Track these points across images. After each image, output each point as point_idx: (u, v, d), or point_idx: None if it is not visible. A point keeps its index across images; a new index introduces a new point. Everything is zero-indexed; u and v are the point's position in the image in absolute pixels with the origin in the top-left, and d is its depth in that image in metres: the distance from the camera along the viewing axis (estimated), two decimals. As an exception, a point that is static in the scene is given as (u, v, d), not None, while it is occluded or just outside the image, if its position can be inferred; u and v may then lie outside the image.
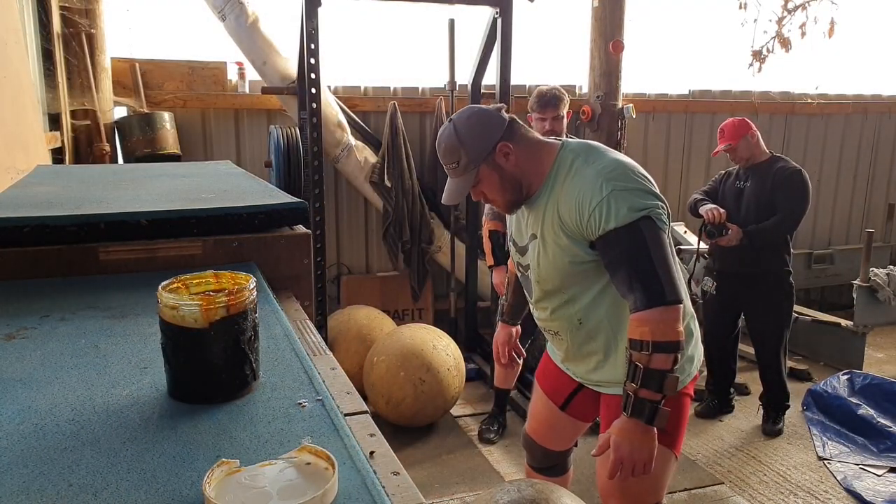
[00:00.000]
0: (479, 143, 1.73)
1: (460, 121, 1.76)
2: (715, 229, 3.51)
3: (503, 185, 1.77)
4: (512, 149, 1.74)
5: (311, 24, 3.69)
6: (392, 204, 4.53)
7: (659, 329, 1.58)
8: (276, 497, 0.77)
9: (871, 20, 6.38)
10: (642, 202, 1.64)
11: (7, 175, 2.36)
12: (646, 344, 1.59)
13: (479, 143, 1.73)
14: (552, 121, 3.29)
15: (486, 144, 1.73)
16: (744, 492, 3.20)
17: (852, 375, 3.96)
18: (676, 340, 1.59)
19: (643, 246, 1.61)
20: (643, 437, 1.62)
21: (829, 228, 6.33)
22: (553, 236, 1.75)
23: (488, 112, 1.78)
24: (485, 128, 1.74)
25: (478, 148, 1.73)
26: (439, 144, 1.79)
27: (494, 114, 1.77)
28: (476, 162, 1.74)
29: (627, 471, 1.64)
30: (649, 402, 1.60)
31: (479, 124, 1.75)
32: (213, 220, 1.64)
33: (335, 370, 1.20)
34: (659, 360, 1.58)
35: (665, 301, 1.59)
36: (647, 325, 1.59)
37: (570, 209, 1.69)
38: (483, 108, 1.80)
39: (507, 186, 1.78)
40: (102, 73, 4.08)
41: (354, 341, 3.99)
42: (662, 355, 1.58)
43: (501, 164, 1.75)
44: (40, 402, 0.98)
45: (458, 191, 1.81)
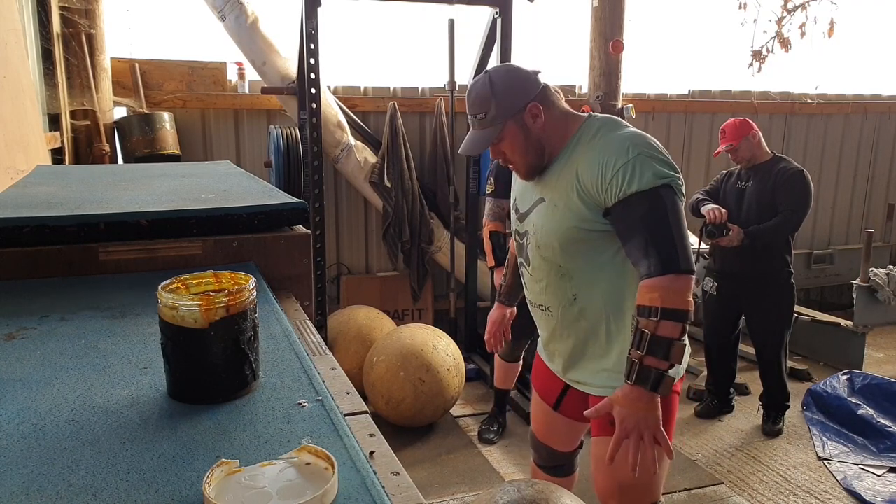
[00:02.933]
0: (511, 98, 1.71)
1: (497, 73, 1.75)
2: (716, 229, 3.51)
3: (526, 147, 1.75)
4: (541, 111, 1.73)
5: (310, 24, 3.69)
6: (392, 204, 4.53)
7: (669, 296, 1.55)
8: (276, 497, 0.77)
9: (871, 20, 6.39)
10: (666, 171, 1.63)
11: (7, 175, 2.36)
12: (654, 310, 1.56)
13: (511, 97, 1.71)
14: None
15: (518, 101, 1.71)
16: (744, 492, 3.20)
17: (852, 375, 3.96)
18: (686, 310, 1.57)
19: (663, 212, 1.59)
20: (648, 405, 1.57)
21: (829, 228, 6.33)
22: (565, 199, 1.73)
23: (525, 71, 1.76)
24: (520, 85, 1.73)
25: (509, 102, 1.71)
26: (470, 93, 1.77)
27: (531, 74, 1.76)
28: (504, 116, 1.71)
29: (635, 444, 1.59)
30: (655, 370, 1.56)
31: (515, 80, 1.73)
32: (212, 221, 1.64)
33: (335, 370, 1.20)
34: (667, 327, 1.55)
35: (679, 268, 1.57)
36: (658, 290, 1.56)
37: (591, 171, 1.67)
38: (520, 66, 1.79)
39: (529, 148, 1.75)
40: (102, 73, 4.08)
41: (354, 341, 3.99)
42: (671, 323, 1.55)
43: (528, 124, 1.73)
44: (40, 402, 0.98)
45: (479, 142, 1.77)
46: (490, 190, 3.45)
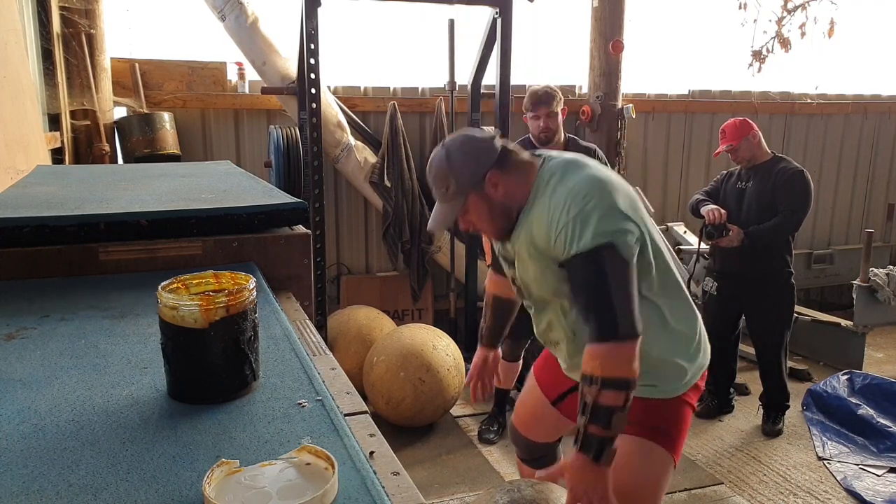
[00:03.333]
0: (469, 172, 1.69)
1: (452, 146, 1.73)
2: (715, 230, 3.51)
3: (492, 215, 1.74)
4: (501, 178, 1.70)
5: (310, 24, 3.69)
6: (392, 204, 4.53)
7: (609, 364, 1.52)
8: (275, 497, 0.77)
9: (871, 20, 6.38)
10: (609, 227, 1.56)
11: (7, 175, 2.35)
12: (595, 379, 1.53)
13: (468, 171, 1.69)
14: (546, 118, 3.29)
15: (476, 173, 1.68)
16: (744, 492, 3.20)
17: (852, 375, 3.96)
18: (627, 378, 1.53)
19: (602, 276, 1.54)
20: (594, 474, 1.56)
21: (829, 228, 6.33)
22: (535, 257, 1.72)
23: (481, 139, 1.74)
24: (476, 156, 1.70)
25: (467, 176, 1.69)
26: (430, 168, 1.76)
27: (487, 142, 1.73)
28: (464, 190, 1.70)
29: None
30: (597, 438, 1.54)
31: (471, 152, 1.70)
32: (212, 221, 1.65)
33: (335, 370, 1.21)
34: (608, 396, 1.52)
35: (617, 336, 1.53)
36: (598, 359, 1.53)
37: (540, 232, 1.66)
38: (476, 135, 1.77)
39: (495, 215, 1.74)
40: (102, 73, 4.08)
41: (354, 341, 3.99)
42: (612, 392, 1.52)
43: (490, 193, 1.70)
44: (40, 402, 0.99)
45: (444, 218, 1.77)
46: (490, 190, 3.44)
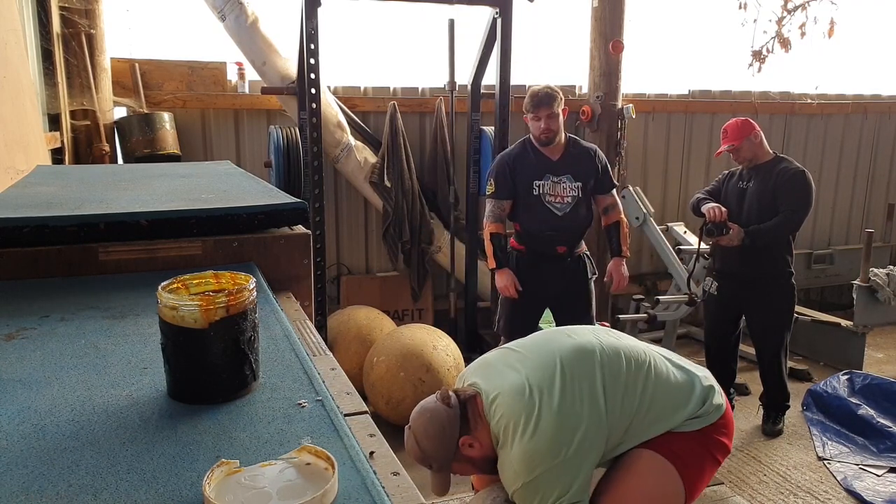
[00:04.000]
0: (442, 451, 1.79)
1: (418, 432, 1.81)
2: (715, 227, 3.51)
3: (478, 467, 1.88)
4: (472, 439, 1.80)
5: (310, 24, 3.69)
6: (392, 204, 4.53)
7: None
8: (275, 497, 0.77)
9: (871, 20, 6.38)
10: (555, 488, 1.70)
11: (7, 175, 2.35)
12: None
13: (441, 451, 1.79)
14: (547, 119, 3.28)
15: (448, 449, 1.80)
16: (744, 492, 3.20)
17: (852, 375, 3.96)
18: None
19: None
20: None
21: (829, 228, 6.32)
22: None
23: (439, 415, 1.79)
24: (441, 434, 1.78)
25: (442, 453, 1.80)
26: (408, 452, 1.85)
27: (445, 414, 1.79)
28: (447, 465, 1.83)
29: None
30: None
31: (436, 433, 1.78)
32: (212, 221, 1.64)
33: (335, 370, 1.21)
34: None
35: None
36: None
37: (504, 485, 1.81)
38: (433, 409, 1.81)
39: (481, 466, 1.87)
40: (102, 73, 4.08)
41: (354, 341, 3.99)
42: None
43: (468, 455, 1.81)
44: (40, 402, 0.98)
45: (442, 484, 1.89)
46: (490, 191, 3.44)
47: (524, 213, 3.40)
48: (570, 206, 3.37)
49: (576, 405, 1.74)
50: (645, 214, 4.96)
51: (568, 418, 1.72)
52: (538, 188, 3.36)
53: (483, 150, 4.55)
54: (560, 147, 3.40)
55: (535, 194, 3.36)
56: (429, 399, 1.85)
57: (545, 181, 3.36)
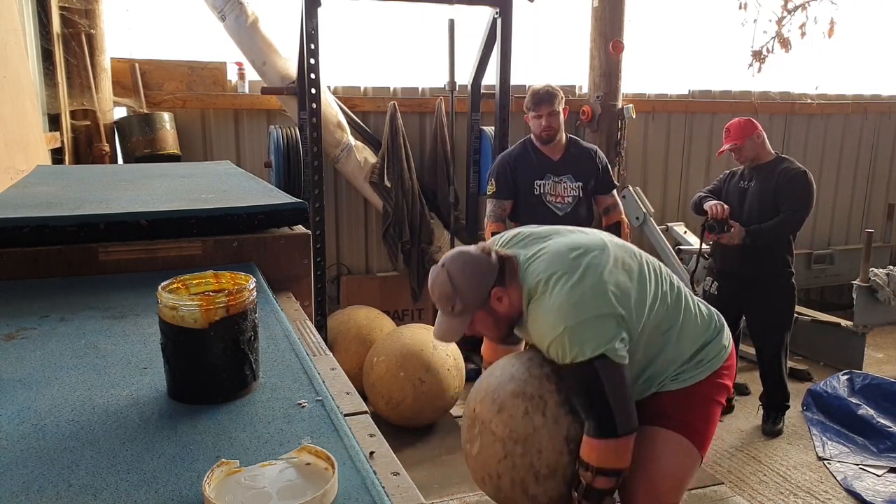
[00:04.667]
0: (474, 293, 1.78)
1: (454, 269, 1.79)
2: (717, 224, 3.51)
3: (497, 325, 1.85)
4: (504, 293, 1.79)
5: (310, 24, 3.69)
6: (392, 204, 4.52)
7: (605, 457, 1.70)
8: (275, 497, 0.77)
9: (871, 20, 6.38)
10: (598, 338, 1.67)
11: (7, 175, 2.35)
12: (591, 467, 1.71)
13: (473, 292, 1.78)
14: (548, 117, 3.29)
15: (481, 293, 1.78)
16: (744, 492, 3.20)
17: (852, 375, 3.95)
18: (621, 468, 1.72)
19: (598, 383, 1.68)
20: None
21: (829, 228, 6.32)
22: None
23: (480, 259, 1.80)
24: (479, 276, 1.78)
25: (473, 297, 1.78)
26: (433, 289, 1.83)
27: (485, 260, 1.80)
28: (472, 309, 1.80)
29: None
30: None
31: (473, 274, 1.78)
32: (213, 221, 1.64)
33: (335, 370, 1.20)
34: (601, 481, 1.71)
35: (616, 434, 1.69)
36: (596, 452, 1.70)
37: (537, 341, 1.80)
38: (474, 254, 1.82)
39: (500, 325, 1.86)
40: (102, 73, 4.08)
41: (354, 342, 3.99)
42: (605, 478, 1.71)
43: (496, 307, 1.80)
44: (40, 402, 0.98)
45: (453, 331, 1.86)
46: (491, 191, 3.45)
47: (525, 213, 3.40)
48: (570, 206, 3.37)
49: (622, 276, 1.76)
50: (645, 214, 4.96)
51: (616, 282, 1.73)
52: (539, 188, 3.36)
53: (483, 150, 4.55)
54: (561, 147, 3.40)
55: (535, 194, 3.36)
56: (468, 247, 1.86)
57: (546, 181, 3.36)
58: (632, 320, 1.74)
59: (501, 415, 1.81)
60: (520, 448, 1.77)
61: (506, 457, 1.79)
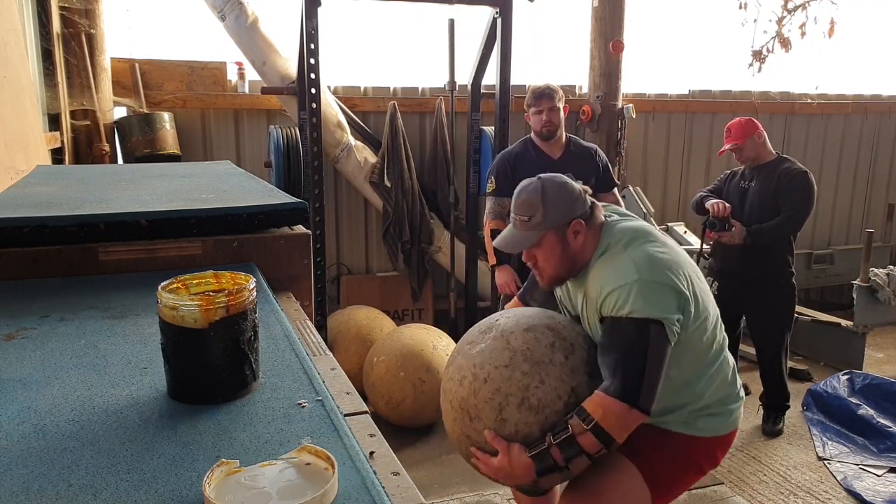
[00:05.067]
0: (559, 210, 1.74)
1: (550, 183, 1.78)
2: (719, 223, 3.51)
3: (561, 259, 1.78)
4: (583, 228, 1.76)
5: (310, 24, 3.69)
6: (392, 204, 4.53)
7: (611, 420, 1.57)
8: (275, 497, 0.77)
9: (871, 20, 6.38)
10: (663, 304, 1.62)
11: (7, 175, 2.35)
12: (590, 421, 1.57)
13: (559, 209, 1.74)
14: (549, 112, 3.31)
15: (565, 214, 1.74)
16: (744, 492, 3.20)
17: (852, 375, 3.95)
18: (615, 440, 1.59)
19: (644, 346, 1.59)
20: (523, 475, 1.63)
21: (829, 228, 6.32)
22: (589, 315, 1.77)
23: (576, 188, 1.79)
24: (570, 199, 1.76)
25: (556, 214, 1.74)
26: (519, 194, 1.80)
27: (581, 192, 1.79)
28: (548, 225, 1.75)
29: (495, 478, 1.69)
30: (552, 461, 1.60)
31: (568, 195, 1.76)
32: (213, 221, 1.64)
33: (335, 370, 1.21)
34: (588, 439, 1.57)
35: (637, 403, 1.57)
36: (604, 409, 1.57)
37: (594, 289, 1.71)
38: (572, 182, 1.81)
39: (563, 261, 1.78)
40: (102, 73, 4.08)
41: (354, 341, 3.99)
42: (594, 439, 1.57)
43: (569, 239, 1.76)
44: (40, 402, 0.98)
45: (518, 243, 1.81)
46: (491, 188, 3.45)
47: (525, 212, 3.40)
48: (570, 206, 3.37)
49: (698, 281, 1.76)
50: (645, 214, 4.96)
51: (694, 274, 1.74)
52: None
53: (483, 150, 4.55)
54: (561, 146, 3.41)
55: (535, 193, 3.36)
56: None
57: (546, 180, 3.36)
58: (688, 323, 1.69)
59: (527, 334, 1.71)
60: (527, 366, 1.66)
61: (508, 366, 1.67)
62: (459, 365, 1.78)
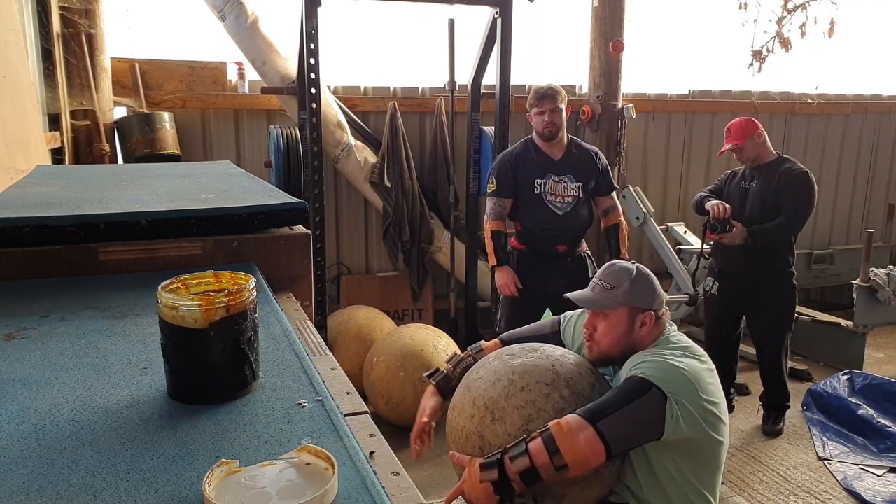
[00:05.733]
0: (642, 295, 1.85)
1: (643, 270, 1.90)
2: (719, 224, 3.51)
3: (619, 339, 1.85)
4: (652, 323, 1.84)
5: (310, 24, 3.69)
6: (392, 204, 4.53)
7: (562, 431, 1.60)
8: (275, 497, 0.77)
9: (871, 20, 6.39)
10: (679, 388, 1.67)
11: (7, 175, 2.35)
12: (544, 429, 1.63)
13: (642, 294, 1.85)
14: (551, 113, 3.31)
15: (644, 301, 1.84)
16: (744, 492, 3.20)
17: (852, 375, 3.96)
18: (561, 453, 1.59)
19: (632, 395, 1.65)
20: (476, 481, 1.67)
21: (829, 228, 6.32)
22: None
23: (662, 292, 1.91)
24: (654, 293, 1.87)
25: (638, 296, 1.84)
26: (612, 265, 1.90)
27: (661, 295, 1.90)
28: (626, 302, 1.83)
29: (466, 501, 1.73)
30: (499, 465, 1.64)
31: (654, 287, 1.88)
32: (213, 221, 1.64)
33: (335, 370, 1.20)
34: (536, 445, 1.61)
35: (594, 422, 1.61)
36: (560, 422, 1.62)
37: (626, 368, 1.77)
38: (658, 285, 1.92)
39: (620, 342, 1.85)
40: (102, 73, 4.08)
41: (354, 341, 3.99)
42: (541, 445, 1.60)
43: (636, 325, 1.84)
44: (40, 402, 0.98)
45: (591, 303, 1.88)
46: (492, 188, 3.45)
47: (525, 211, 3.40)
48: (570, 206, 3.38)
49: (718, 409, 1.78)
50: (645, 214, 4.96)
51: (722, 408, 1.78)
52: (539, 187, 3.37)
53: (483, 150, 4.55)
54: (562, 147, 3.41)
55: (536, 193, 3.37)
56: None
57: (547, 180, 3.37)
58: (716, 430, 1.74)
59: (573, 368, 1.79)
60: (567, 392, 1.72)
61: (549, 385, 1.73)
62: (495, 368, 1.84)
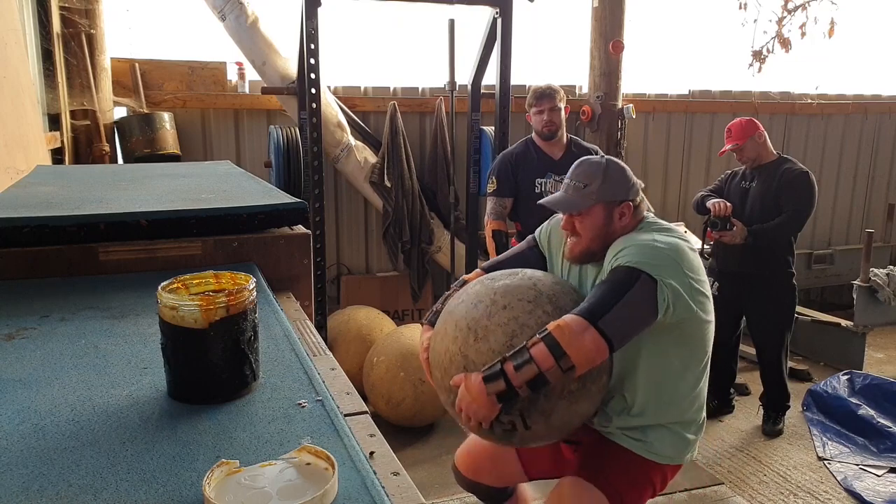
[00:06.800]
0: (615, 188, 1.80)
1: (613, 163, 1.86)
2: (720, 222, 3.51)
3: (599, 234, 1.81)
4: (629, 213, 1.81)
5: (311, 24, 3.69)
6: (392, 204, 4.53)
7: (564, 332, 1.53)
8: (275, 497, 0.77)
9: (871, 20, 6.39)
10: (666, 270, 1.63)
11: (7, 175, 2.35)
12: (546, 333, 1.54)
13: (616, 186, 1.80)
14: (549, 112, 3.31)
15: (619, 194, 1.80)
16: (744, 492, 3.20)
17: (852, 375, 3.95)
18: (567, 354, 1.52)
19: (626, 288, 1.60)
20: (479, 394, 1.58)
21: (829, 228, 6.32)
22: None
23: (634, 178, 1.87)
24: (627, 183, 1.83)
25: (612, 189, 1.80)
26: (580, 163, 1.86)
27: (637, 183, 1.86)
28: (601, 197, 1.79)
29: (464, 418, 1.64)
30: (503, 375, 1.55)
31: (626, 177, 1.84)
32: (212, 221, 1.64)
33: (335, 370, 1.21)
34: (539, 349, 1.52)
35: (595, 322, 1.54)
36: (560, 323, 1.56)
37: (608, 258, 1.74)
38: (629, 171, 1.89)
39: (601, 237, 1.81)
40: (102, 73, 4.08)
41: (354, 342, 3.99)
42: (545, 348, 1.52)
43: (615, 217, 1.80)
44: (40, 402, 0.98)
45: (566, 206, 1.84)
46: (492, 188, 3.45)
47: (525, 211, 3.40)
48: (570, 206, 3.38)
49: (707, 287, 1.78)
50: (645, 214, 4.96)
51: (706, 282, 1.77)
52: (540, 186, 3.37)
53: (483, 150, 4.55)
54: (562, 146, 3.42)
55: (536, 192, 3.37)
56: None
57: (547, 179, 3.37)
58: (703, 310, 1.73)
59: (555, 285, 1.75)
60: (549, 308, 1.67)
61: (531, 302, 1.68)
62: (476, 291, 1.77)
